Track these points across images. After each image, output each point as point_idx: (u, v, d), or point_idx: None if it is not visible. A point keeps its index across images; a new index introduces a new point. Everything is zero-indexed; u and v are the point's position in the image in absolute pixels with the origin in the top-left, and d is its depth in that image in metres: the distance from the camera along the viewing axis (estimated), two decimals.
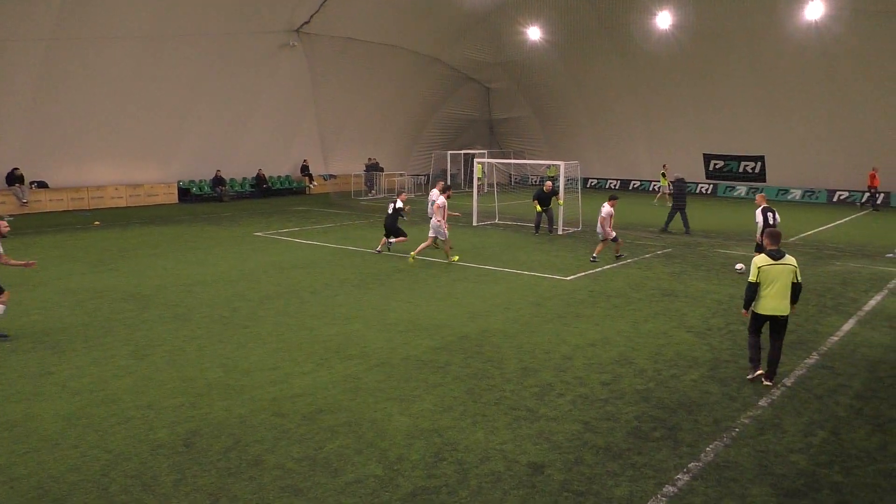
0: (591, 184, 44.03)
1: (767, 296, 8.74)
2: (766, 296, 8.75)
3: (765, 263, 8.75)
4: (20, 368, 9.29)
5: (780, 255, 8.77)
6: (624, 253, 18.64)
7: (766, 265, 8.73)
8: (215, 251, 18.86)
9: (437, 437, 7.28)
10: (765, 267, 8.72)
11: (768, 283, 8.71)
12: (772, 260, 8.74)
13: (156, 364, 9.51)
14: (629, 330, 11.55)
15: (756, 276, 8.74)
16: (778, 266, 8.70)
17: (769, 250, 8.88)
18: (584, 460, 6.81)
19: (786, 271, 8.71)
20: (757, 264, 8.79)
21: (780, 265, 8.71)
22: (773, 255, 8.78)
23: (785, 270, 8.71)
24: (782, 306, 8.76)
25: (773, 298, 8.73)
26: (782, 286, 8.71)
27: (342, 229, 23.85)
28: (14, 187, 27.09)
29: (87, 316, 12.04)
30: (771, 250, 8.86)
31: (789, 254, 8.97)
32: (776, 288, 8.70)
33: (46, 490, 6.13)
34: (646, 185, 42.54)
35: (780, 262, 8.72)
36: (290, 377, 9.03)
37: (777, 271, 8.69)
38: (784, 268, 8.71)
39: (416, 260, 17.42)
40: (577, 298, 13.80)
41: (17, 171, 27.11)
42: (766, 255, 8.82)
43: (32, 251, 18.66)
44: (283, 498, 6.03)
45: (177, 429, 7.40)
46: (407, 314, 12.34)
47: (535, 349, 10.38)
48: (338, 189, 38.82)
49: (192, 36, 28.82)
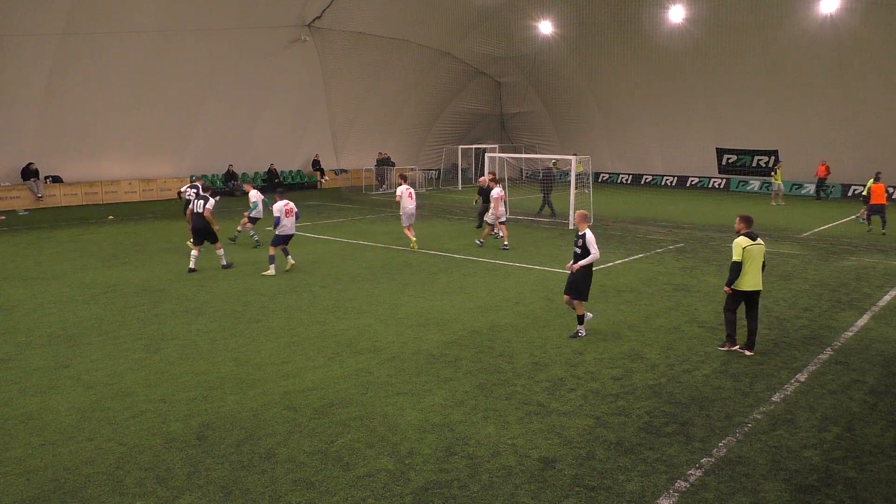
0: (603, 178, 43.86)
1: (748, 273, 9.73)
2: (746, 272, 9.73)
3: (747, 244, 9.69)
4: (36, 361, 9.38)
5: (755, 236, 9.84)
6: (482, 241, 19.22)
7: (749, 245, 9.69)
8: (227, 246, 18.91)
9: (448, 431, 7.29)
10: (748, 247, 9.67)
11: (749, 261, 9.69)
12: (751, 241, 9.73)
13: (169, 358, 9.58)
14: (640, 325, 11.51)
15: (741, 256, 9.65)
16: (756, 246, 9.75)
17: (746, 232, 9.83)
18: (596, 455, 6.81)
19: (761, 251, 9.80)
20: (741, 245, 9.68)
21: (757, 245, 9.77)
22: (751, 237, 9.78)
23: (761, 250, 9.80)
24: (759, 282, 9.84)
25: (754, 275, 9.76)
26: (758, 264, 9.78)
27: (353, 224, 23.89)
28: (29, 182, 27.32)
29: (101, 310, 12.14)
30: (748, 232, 9.84)
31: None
32: (754, 266, 9.74)
33: (62, 482, 6.19)
34: (658, 180, 42.35)
35: (756, 242, 9.77)
36: (301, 371, 9.07)
37: (756, 251, 9.73)
38: (760, 247, 9.79)
39: (417, 248, 18.21)
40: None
41: (32, 166, 27.34)
42: (746, 237, 9.76)
43: (47, 245, 18.82)
44: (295, 491, 6.06)
45: (190, 422, 7.46)
46: (418, 309, 12.36)
47: (546, 344, 10.37)
48: (349, 184, 38.88)
49: (204, 31, 28.89)
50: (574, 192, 23.49)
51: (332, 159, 39.25)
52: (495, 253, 18.09)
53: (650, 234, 21.76)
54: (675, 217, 26.30)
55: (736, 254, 9.70)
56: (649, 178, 42.94)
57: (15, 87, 25.56)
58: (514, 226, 23.51)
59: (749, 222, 9.98)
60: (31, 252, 17.85)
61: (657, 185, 42.13)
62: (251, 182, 31.53)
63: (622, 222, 24.74)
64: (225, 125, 33.02)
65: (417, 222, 20.54)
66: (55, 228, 22.19)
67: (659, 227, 23.62)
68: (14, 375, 8.85)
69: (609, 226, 23.69)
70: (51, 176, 28.42)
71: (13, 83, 25.40)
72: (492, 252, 18.20)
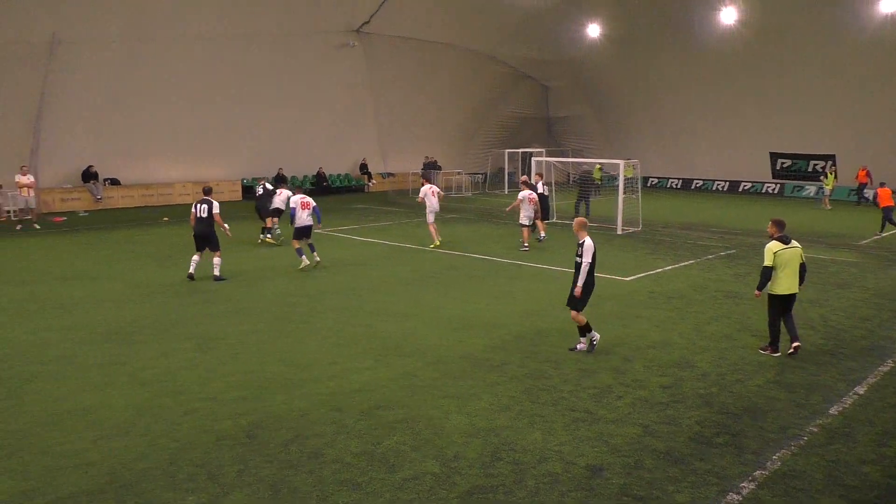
0: (652, 183, 43.22)
1: (782, 277, 9.87)
2: (782, 277, 9.87)
3: (779, 248, 9.85)
4: (94, 358, 9.68)
5: (788, 240, 9.95)
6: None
7: (781, 249, 9.85)
8: (275, 247, 19.26)
9: (493, 436, 7.26)
10: (780, 251, 9.84)
11: (783, 266, 9.83)
12: (784, 245, 9.87)
13: (219, 357, 9.78)
14: (691, 332, 11.29)
15: (772, 260, 9.80)
16: (789, 250, 9.88)
17: (779, 236, 9.96)
18: (644, 464, 6.69)
19: (795, 254, 9.91)
20: (772, 249, 9.85)
21: (791, 249, 9.89)
22: (784, 241, 9.92)
23: (795, 254, 9.91)
24: (795, 285, 9.98)
25: (788, 279, 9.90)
26: (793, 268, 9.89)
27: (400, 227, 24.03)
28: (89, 184, 28.30)
29: (155, 309, 12.46)
30: (781, 236, 9.96)
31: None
32: (789, 270, 9.86)
33: (117, 476, 6.37)
34: (708, 185, 41.52)
35: (790, 246, 9.90)
36: (348, 372, 9.16)
37: (789, 254, 9.87)
38: (793, 251, 9.90)
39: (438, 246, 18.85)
40: (637, 299, 13.56)
41: (92, 169, 28.31)
42: (778, 241, 9.90)
43: (105, 245, 19.44)
44: (341, 492, 6.12)
45: (239, 421, 7.59)
46: (463, 312, 12.35)
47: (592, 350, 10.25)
48: (396, 187, 39.14)
49: (256, 36, 29.51)
50: (622, 196, 23.19)
51: (379, 163, 39.62)
52: (540, 257, 17.98)
53: (700, 240, 21.33)
54: (727, 222, 25.74)
55: (767, 258, 9.87)
56: (700, 182, 42.15)
57: (77, 93, 26.48)
58: (560, 230, 23.31)
59: (781, 226, 10.08)
60: (89, 252, 18.45)
61: (708, 190, 41.32)
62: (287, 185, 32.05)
63: (671, 228, 24.33)
64: (275, 129, 33.62)
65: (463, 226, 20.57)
66: (113, 229, 22.89)
67: (710, 232, 23.14)
68: (73, 371, 9.15)
69: (658, 231, 23.32)
70: (109, 178, 29.36)
71: (75, 89, 26.32)
72: (537, 256, 18.10)
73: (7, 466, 6.52)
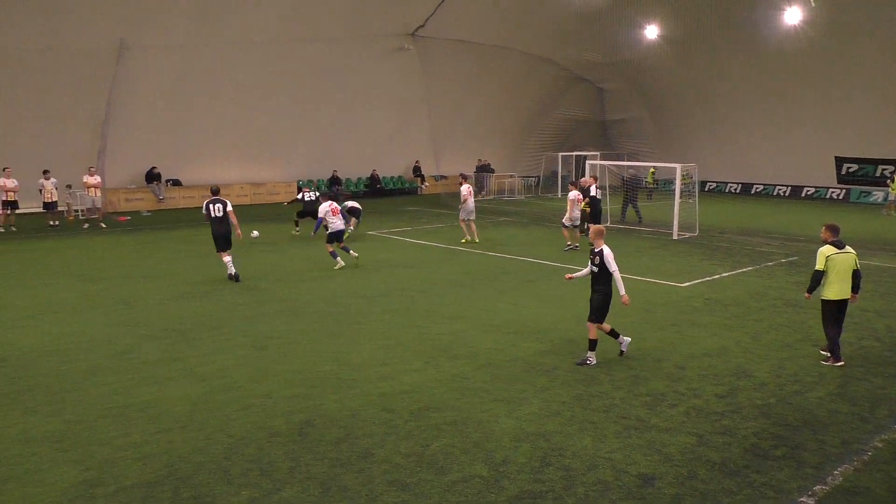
0: (710, 187, 42.25)
1: (835, 282, 9.71)
2: (834, 282, 9.72)
3: (832, 253, 9.72)
4: (154, 353, 9.99)
5: (842, 245, 9.78)
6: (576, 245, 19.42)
7: (833, 254, 9.70)
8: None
9: (543, 441, 7.21)
10: (832, 256, 9.69)
11: (835, 271, 9.68)
12: (837, 249, 9.72)
13: (273, 355, 9.97)
14: (748, 341, 10.99)
15: (823, 265, 9.70)
16: (842, 255, 9.72)
17: (833, 241, 9.80)
18: (698, 475, 6.54)
19: (849, 260, 9.73)
20: (825, 254, 9.72)
21: (844, 254, 9.72)
22: (837, 245, 9.76)
23: (848, 259, 9.73)
24: (847, 291, 9.77)
25: (840, 284, 9.72)
26: (846, 273, 9.72)
27: (452, 230, 24.08)
28: (152, 185, 29.27)
29: (212, 306, 12.79)
30: (835, 241, 9.80)
31: None
32: (841, 275, 9.70)
33: (175, 469, 6.56)
34: (769, 190, 40.37)
35: (844, 251, 9.73)
36: (398, 374, 9.22)
37: (842, 259, 9.70)
38: (847, 256, 9.74)
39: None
40: (692, 306, 13.28)
41: (156, 170, 29.29)
42: (832, 246, 9.76)
43: (165, 244, 20.05)
44: (390, 492, 6.16)
45: (292, 418, 7.72)
46: (514, 316, 12.30)
47: (645, 357, 10.08)
48: (448, 190, 39.25)
49: (313, 40, 30.02)
50: (678, 201, 22.74)
51: (431, 165, 39.80)
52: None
53: (760, 247, 20.75)
54: (788, 229, 24.97)
55: (819, 263, 9.77)
56: (759, 187, 41.00)
57: (141, 97, 27.43)
58: (614, 234, 23.00)
59: (836, 231, 9.94)
60: (151, 250, 19.06)
61: (768, 195, 40.17)
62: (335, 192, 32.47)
63: (729, 233, 23.74)
64: (330, 131, 34.14)
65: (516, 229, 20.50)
66: (173, 229, 23.59)
67: (770, 239, 22.48)
68: (134, 366, 9.46)
69: (715, 237, 22.79)
70: (171, 179, 30.30)
71: (140, 93, 27.27)
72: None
73: (71, 456, 6.78)
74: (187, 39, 26.85)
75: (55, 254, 18.57)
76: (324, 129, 33.76)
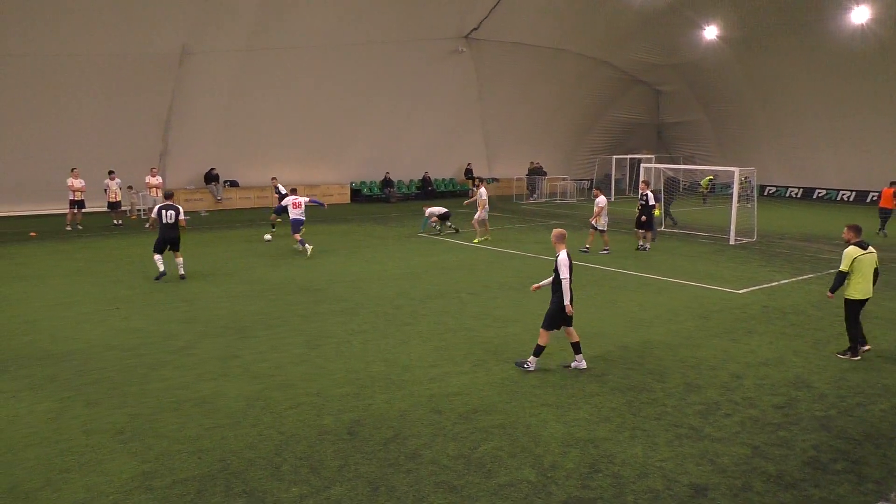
0: (769, 192, 41.09)
1: (862, 282, 9.94)
2: (860, 282, 9.93)
3: (858, 254, 9.90)
4: (211, 350, 10.27)
5: (866, 245, 10.03)
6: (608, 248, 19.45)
7: (860, 255, 9.89)
8: (382, 250, 19.75)
9: (592, 447, 7.13)
10: (859, 257, 9.88)
11: (861, 271, 9.90)
12: (862, 250, 9.94)
13: (325, 354, 10.13)
14: (808, 351, 10.65)
15: (850, 265, 9.88)
16: (868, 255, 9.97)
17: (857, 241, 10.01)
18: (753, 487, 6.37)
19: (872, 259, 10.03)
20: (852, 255, 9.90)
21: (868, 254, 9.98)
22: (862, 246, 9.98)
23: (872, 259, 10.03)
24: (870, 290, 10.06)
25: (865, 284, 9.98)
26: (871, 272, 9.99)
27: (503, 232, 24.03)
28: (211, 185, 30.07)
29: (267, 305, 13.06)
30: (859, 241, 10.01)
31: None
32: (867, 275, 9.95)
33: (228, 463, 6.72)
34: (832, 195, 39.01)
35: (868, 252, 9.98)
36: (448, 376, 9.25)
37: (868, 260, 9.96)
38: (871, 256, 10.02)
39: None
40: (749, 313, 12.94)
41: (214, 171, 30.09)
42: (857, 246, 9.95)
43: (223, 244, 20.57)
44: (437, 493, 6.18)
45: (342, 417, 7.83)
46: None
47: (700, 364, 9.87)
48: (500, 192, 39.17)
49: (367, 44, 30.38)
50: (736, 205, 22.19)
51: (484, 168, 39.78)
52: (648, 266, 17.48)
53: (822, 253, 20.08)
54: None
55: (845, 263, 9.94)
56: (822, 192, 39.69)
57: (202, 100, 28.20)
58: (668, 239, 22.59)
59: (858, 231, 10.15)
60: (209, 250, 19.58)
61: (832, 200, 38.85)
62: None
63: (790, 239, 23.06)
64: (383, 134, 34.47)
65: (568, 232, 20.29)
66: (231, 229, 24.17)
67: (833, 245, 21.72)
68: (192, 362, 9.74)
69: (774, 242, 22.16)
70: (229, 180, 31.06)
71: (199, 95, 28.04)
72: (645, 266, 17.61)
73: (131, 448, 7.02)
74: (245, 44, 27.50)
75: (118, 252, 19.25)
76: (377, 132, 34.10)
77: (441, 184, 38.17)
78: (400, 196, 35.81)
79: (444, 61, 34.02)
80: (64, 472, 6.50)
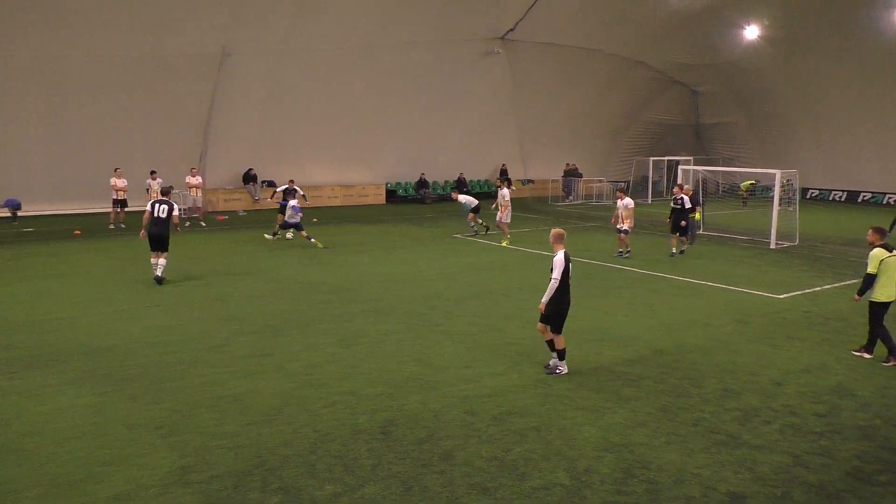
0: (812, 195, 40.21)
1: (888, 284, 9.96)
2: (886, 284, 9.96)
3: (885, 256, 9.95)
4: (247, 348, 10.40)
5: (892, 248, 10.05)
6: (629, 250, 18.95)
7: (887, 257, 9.94)
8: (416, 251, 19.81)
9: (627, 452, 7.05)
10: (886, 259, 9.93)
11: (887, 273, 9.94)
12: (889, 252, 9.98)
13: (359, 354, 10.18)
14: (851, 358, 10.39)
15: (877, 268, 9.93)
16: (893, 257, 9.97)
17: (882, 244, 10.05)
18: (793, 496, 6.23)
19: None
20: (879, 257, 9.95)
21: (894, 256, 9.97)
22: (888, 248, 10.02)
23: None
24: (895, 292, 10.03)
25: (891, 286, 9.97)
26: (895, 275, 9.97)
27: (537, 234, 23.89)
28: (248, 185, 30.48)
29: (301, 305, 13.18)
30: (884, 244, 10.05)
31: None
32: (893, 276, 9.95)
33: (264, 460, 6.80)
34: (878, 198, 38.03)
35: (894, 254, 9.99)
36: (481, 377, 9.23)
37: (894, 262, 9.96)
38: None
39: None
40: (789, 319, 12.68)
41: (252, 171, 30.51)
42: (883, 249, 9.99)
43: (260, 243, 20.81)
44: (470, 495, 6.17)
45: (376, 416, 7.86)
46: (599, 323, 12.09)
47: (737, 370, 9.70)
48: (535, 194, 39.03)
49: (403, 45, 30.51)
50: (777, 208, 21.75)
51: (519, 169, 39.65)
52: (685, 270, 17.23)
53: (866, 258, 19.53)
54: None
55: (872, 266, 10.00)
56: (867, 195, 38.71)
57: (241, 101, 28.63)
58: (706, 242, 22.23)
59: (883, 234, 10.20)
60: (246, 248, 19.84)
61: (877, 204, 37.87)
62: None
63: (832, 244, 22.53)
64: (418, 135, 34.56)
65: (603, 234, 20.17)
66: (267, 229, 24.43)
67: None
68: (228, 359, 9.88)
69: (817, 247, 21.67)
70: (266, 181, 31.45)
71: (238, 97, 28.46)
72: (682, 269, 17.36)
73: (169, 443, 7.14)
74: (283, 46, 27.83)
75: None
76: (412, 132, 34.20)
77: (476, 185, 38.14)
78: (435, 197, 35.87)
79: (479, 62, 34.00)
80: (105, 465, 6.64)
